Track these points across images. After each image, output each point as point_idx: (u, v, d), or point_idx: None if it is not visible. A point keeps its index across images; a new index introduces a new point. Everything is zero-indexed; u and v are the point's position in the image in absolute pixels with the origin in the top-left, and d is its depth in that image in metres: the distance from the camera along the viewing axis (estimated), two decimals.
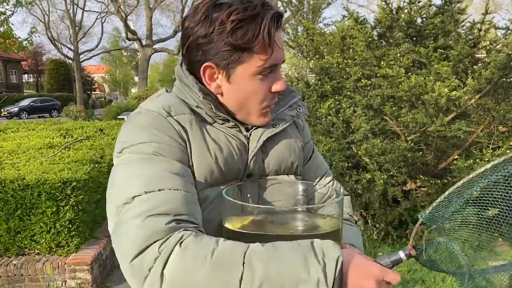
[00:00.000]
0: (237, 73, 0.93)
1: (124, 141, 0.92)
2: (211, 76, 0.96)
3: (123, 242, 0.77)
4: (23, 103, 30.32)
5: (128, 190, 0.82)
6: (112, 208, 0.84)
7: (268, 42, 0.89)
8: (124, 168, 0.88)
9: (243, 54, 0.90)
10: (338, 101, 4.31)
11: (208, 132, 0.97)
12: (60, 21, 38.10)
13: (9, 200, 3.51)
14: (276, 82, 0.96)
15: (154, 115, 0.93)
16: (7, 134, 6.32)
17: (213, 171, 0.94)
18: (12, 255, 3.66)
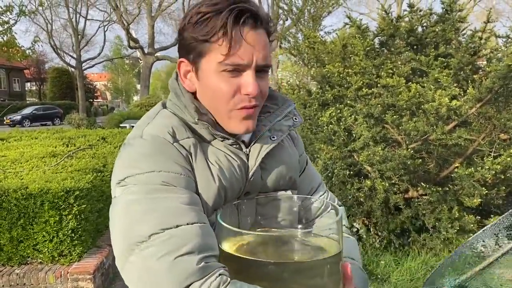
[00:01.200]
0: (202, 68, 0.91)
1: (127, 169, 0.86)
2: (186, 73, 0.96)
3: (153, 283, 0.75)
4: (26, 111, 30.42)
5: (141, 227, 0.78)
6: (122, 245, 0.80)
7: (228, 37, 0.85)
8: (131, 201, 0.82)
9: (204, 47, 0.88)
10: (339, 109, 4.32)
11: (210, 155, 0.94)
12: (62, 29, 38.29)
13: (12, 209, 3.53)
14: (246, 84, 0.89)
15: (160, 140, 0.89)
16: (10, 143, 6.35)
17: (218, 196, 0.92)
18: (15, 264, 3.66)
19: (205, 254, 0.77)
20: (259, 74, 0.92)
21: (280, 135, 1.02)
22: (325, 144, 4.30)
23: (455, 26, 4.79)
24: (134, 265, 0.77)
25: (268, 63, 0.92)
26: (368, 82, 3.98)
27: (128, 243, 0.78)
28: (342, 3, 20.82)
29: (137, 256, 0.77)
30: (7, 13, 14.56)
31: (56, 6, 33.39)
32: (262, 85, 0.93)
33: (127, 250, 0.78)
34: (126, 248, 0.79)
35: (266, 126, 1.01)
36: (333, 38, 5.72)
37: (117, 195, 0.86)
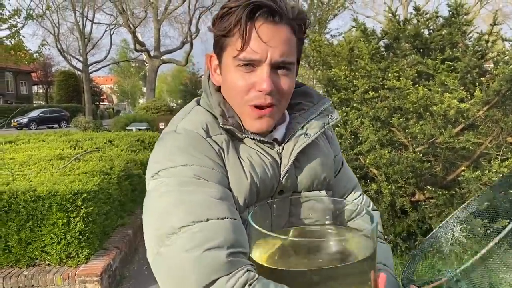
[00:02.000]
0: (224, 63, 0.93)
1: (161, 163, 0.88)
2: (215, 68, 0.98)
3: (180, 275, 0.74)
4: (33, 114, 30.63)
5: (171, 218, 0.79)
6: (152, 236, 0.81)
7: (241, 32, 0.86)
8: (163, 193, 0.83)
9: (224, 42, 0.90)
10: (346, 112, 4.32)
11: (241, 151, 0.94)
12: (69, 33, 38.52)
13: (20, 211, 3.56)
14: (260, 80, 0.89)
15: (193, 135, 0.90)
16: (18, 146, 6.40)
17: (250, 192, 0.92)
18: (23, 266, 3.69)
19: (234, 250, 0.77)
20: (278, 70, 0.90)
21: (314, 133, 1.00)
22: None
23: (462, 30, 4.77)
24: (163, 256, 0.77)
25: (287, 59, 0.90)
26: (374, 85, 3.98)
27: (159, 234, 0.79)
28: (348, 6, 20.84)
29: (166, 248, 0.77)
30: (15, 17, 14.71)
31: (63, 10, 33.60)
32: (281, 83, 0.91)
33: (157, 242, 0.79)
34: (156, 239, 0.79)
35: (300, 123, 1.01)
36: (339, 41, 5.69)
37: (150, 188, 0.87)
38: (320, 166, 1.04)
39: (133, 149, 6.44)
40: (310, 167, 1.02)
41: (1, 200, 3.53)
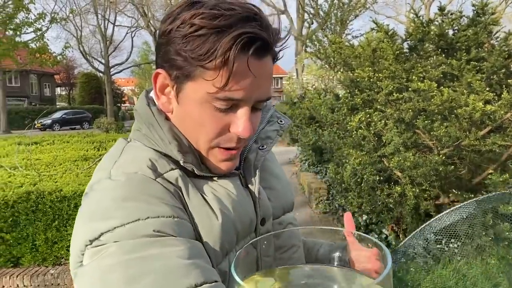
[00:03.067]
0: (187, 92, 0.71)
1: (100, 224, 0.63)
2: (163, 87, 0.75)
3: None
4: (56, 115, 31.23)
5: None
6: None
7: (228, 69, 0.65)
8: (113, 266, 0.59)
9: (194, 70, 0.68)
10: (369, 114, 4.29)
11: (202, 187, 0.76)
12: (91, 35, 39.25)
13: (47, 211, 3.63)
14: (239, 124, 0.71)
15: (138, 178, 0.68)
16: (44, 146, 6.54)
17: (226, 234, 0.73)
18: (49, 265, 3.77)
19: None
20: (255, 109, 0.75)
21: (270, 143, 0.87)
22: (354, 149, 4.27)
23: (488, 29, 4.69)
24: None
25: (269, 96, 0.75)
26: (398, 87, 3.94)
27: None
28: (369, 7, 20.67)
29: None
30: (40, 21, 15.05)
31: (85, 13, 34.23)
32: (255, 122, 0.76)
33: None
34: None
35: (251, 138, 0.85)
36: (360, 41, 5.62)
37: (86, 261, 0.62)
38: (282, 181, 0.93)
39: None
40: (276, 185, 0.90)
41: (29, 200, 3.61)
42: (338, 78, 8.51)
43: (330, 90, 8.02)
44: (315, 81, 20.84)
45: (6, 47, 13.11)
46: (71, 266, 0.67)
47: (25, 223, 3.64)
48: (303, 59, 22.31)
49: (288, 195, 0.93)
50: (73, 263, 0.65)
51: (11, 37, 14.52)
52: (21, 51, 16.68)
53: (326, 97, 7.97)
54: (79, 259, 0.63)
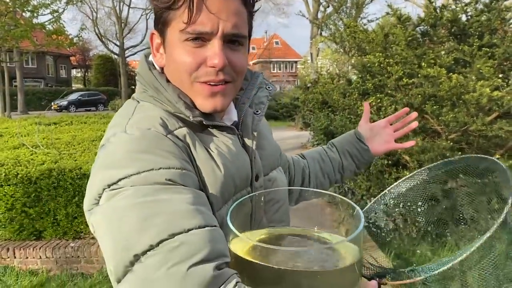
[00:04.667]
0: (168, 39, 0.84)
1: (117, 171, 0.72)
2: (158, 46, 0.89)
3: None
4: (72, 97, 31.62)
5: (145, 234, 0.66)
6: (122, 257, 0.67)
7: (187, 3, 0.78)
8: (129, 206, 0.69)
9: (168, 15, 0.81)
10: (380, 99, 4.36)
11: (207, 143, 0.85)
12: (107, 17, 39.43)
13: (67, 188, 3.81)
14: (212, 55, 0.81)
15: (152, 133, 0.77)
16: (62, 127, 6.74)
17: (227, 185, 0.83)
18: (70, 238, 3.96)
19: (220, 261, 0.68)
20: (230, 45, 0.83)
21: (262, 107, 0.98)
22: None
23: (501, 16, 4.68)
24: (138, 278, 0.66)
25: (239, 32, 0.82)
26: (409, 72, 4.00)
27: (130, 254, 0.66)
28: None
29: (140, 269, 0.66)
30: (56, 2, 15.17)
31: None
32: (234, 58, 0.84)
33: (125, 263, 0.67)
34: (124, 261, 0.67)
35: (245, 103, 0.96)
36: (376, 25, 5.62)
37: (104, 202, 0.72)
38: (271, 142, 1.06)
39: None
40: (267, 146, 1.02)
41: (51, 176, 3.79)
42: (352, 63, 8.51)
43: (343, 75, 8.04)
44: (330, 65, 20.75)
45: (24, 29, 13.29)
46: (85, 207, 0.77)
47: (47, 199, 3.83)
48: (318, 43, 22.18)
49: (276, 155, 1.06)
50: (88, 204, 0.75)
51: (29, 19, 14.70)
52: (37, 33, 16.88)
53: (339, 82, 8.01)
54: (95, 201, 0.73)
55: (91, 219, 0.75)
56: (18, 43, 14.88)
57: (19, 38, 13.74)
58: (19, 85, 27.35)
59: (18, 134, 5.69)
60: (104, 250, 0.71)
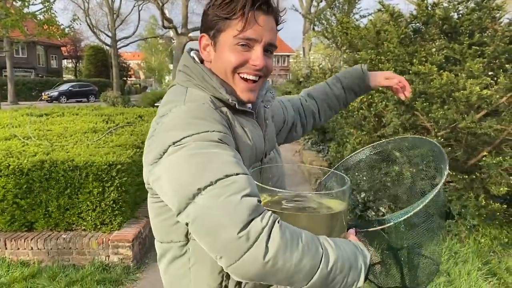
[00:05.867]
0: (220, 41, 1.08)
1: (181, 132, 0.95)
2: (205, 46, 1.13)
3: (221, 219, 0.85)
4: (63, 87, 31.35)
5: (206, 174, 0.88)
6: (186, 191, 0.89)
7: (244, 17, 1.03)
8: (192, 155, 0.92)
9: (225, 24, 1.06)
10: (370, 95, 4.40)
11: (239, 120, 1.11)
12: (98, 8, 39.07)
13: (60, 180, 3.82)
14: (255, 57, 1.07)
15: (206, 107, 1.03)
16: (54, 118, 6.71)
17: (252, 154, 1.11)
18: (62, 230, 3.98)
19: (258, 198, 0.90)
20: (265, 52, 1.09)
21: (269, 104, 1.28)
22: (355, 129, 4.40)
23: (492, 14, 4.74)
24: (201, 205, 0.87)
25: (274, 43, 1.10)
26: (400, 69, 4.04)
27: (192, 189, 0.88)
28: None
29: (201, 200, 0.87)
30: None
31: None
32: (268, 62, 1.10)
33: (189, 196, 0.88)
34: (188, 194, 0.89)
35: (259, 99, 1.22)
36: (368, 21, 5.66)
37: (171, 154, 0.94)
38: (272, 129, 1.33)
39: None
40: (271, 132, 1.29)
41: (43, 168, 3.79)
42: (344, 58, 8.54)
43: (335, 70, 8.07)
44: (322, 60, 20.75)
45: (15, 18, 13.12)
46: (148, 161, 1.00)
47: (39, 190, 3.84)
48: (310, 38, 22.17)
49: (274, 139, 1.33)
50: (152, 159, 0.98)
51: (20, 8, 14.51)
52: (28, 22, 16.66)
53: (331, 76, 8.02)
54: (160, 156, 0.96)
55: (155, 169, 0.97)
56: (8, 32, 14.69)
57: (10, 27, 13.56)
58: (9, 75, 27.04)
59: (9, 125, 5.66)
60: (167, 190, 0.94)
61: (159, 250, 1.18)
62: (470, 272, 3.84)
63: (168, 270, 1.15)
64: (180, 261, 1.11)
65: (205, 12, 1.10)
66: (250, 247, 0.83)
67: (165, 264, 1.15)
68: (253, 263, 0.84)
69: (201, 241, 0.89)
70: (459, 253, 4.25)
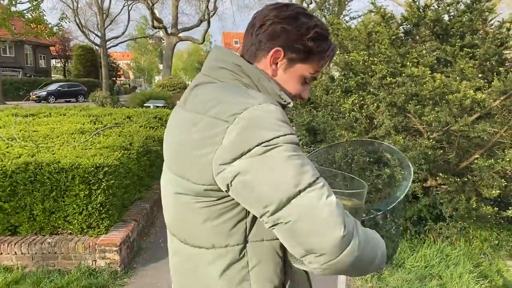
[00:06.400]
0: (296, 68, 1.12)
1: (270, 133, 0.95)
2: (276, 59, 1.11)
3: (327, 219, 0.91)
4: (51, 87, 30.98)
5: (304, 176, 0.93)
6: (285, 193, 0.92)
7: (326, 63, 1.14)
8: (288, 157, 0.94)
9: (310, 57, 1.11)
10: (362, 97, 4.36)
11: None
12: (88, 7, 38.70)
13: (45, 182, 3.72)
14: (306, 92, 1.18)
15: (280, 110, 1.02)
16: (40, 118, 6.58)
17: None
18: (47, 234, 3.87)
19: None
20: None
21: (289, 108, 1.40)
22: (346, 130, 4.36)
23: (483, 16, 4.73)
24: (301, 205, 0.92)
25: None
26: (392, 71, 4.01)
27: (293, 190, 0.92)
28: None
29: (303, 199, 0.92)
30: None
31: None
32: None
33: (289, 196, 0.92)
34: (288, 194, 0.92)
35: None
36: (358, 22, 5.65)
37: (260, 154, 0.94)
38: None
39: (151, 126, 6.58)
40: None
41: (27, 170, 3.69)
42: (334, 60, 8.49)
43: (325, 71, 8.04)
44: None
45: (2, 17, 12.93)
46: (226, 158, 0.95)
47: (23, 193, 3.73)
48: None
49: None
50: (229, 157, 0.95)
51: (7, 7, 14.31)
52: (16, 21, 16.47)
53: (321, 78, 8.01)
54: (240, 155, 0.94)
55: (236, 167, 0.95)
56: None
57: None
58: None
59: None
60: (261, 189, 0.93)
61: (205, 257, 1.10)
62: (461, 275, 3.83)
63: (223, 277, 1.08)
64: (238, 266, 1.07)
65: (288, 30, 1.09)
66: (349, 243, 0.92)
67: (218, 272, 1.08)
68: (349, 257, 0.93)
69: (299, 239, 0.93)
70: (450, 255, 4.24)
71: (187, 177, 1.02)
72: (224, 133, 0.96)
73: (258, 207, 0.95)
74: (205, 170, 0.98)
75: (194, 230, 1.08)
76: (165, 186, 1.17)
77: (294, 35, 1.08)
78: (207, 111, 1.01)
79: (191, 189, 1.03)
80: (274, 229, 0.96)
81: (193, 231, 1.09)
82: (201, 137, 0.98)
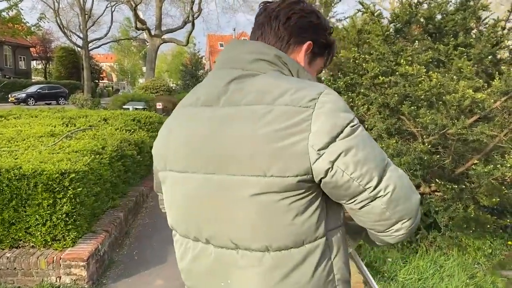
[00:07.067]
0: (317, 62, 1.19)
1: (348, 114, 0.97)
2: (307, 50, 1.14)
3: (411, 186, 1.02)
4: (31, 89, 30.30)
5: (383, 153, 1.00)
6: (380, 167, 0.98)
7: (331, 56, 1.23)
8: (369, 137, 1.00)
9: (324, 53, 1.19)
10: (352, 98, 4.11)
11: None
12: (69, 8, 37.98)
13: (4, 190, 3.36)
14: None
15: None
16: (9, 120, 6.19)
17: None
18: (6, 248, 3.50)
19: None
20: None
21: None
22: None
23: (476, 15, 4.54)
24: (398, 176, 1.00)
25: None
26: (385, 70, 3.75)
27: (384, 163, 0.99)
28: None
29: (391, 171, 0.99)
30: None
31: None
32: None
33: (384, 168, 0.98)
34: (383, 166, 0.98)
35: None
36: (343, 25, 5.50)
37: (355, 132, 0.96)
38: None
39: (127, 129, 6.22)
40: None
41: None
42: None
43: None
44: None
45: None
46: (324, 141, 0.93)
47: None
48: None
49: None
50: (328, 139, 0.93)
51: None
52: None
53: None
54: (336, 134, 0.94)
55: (335, 149, 0.94)
56: None
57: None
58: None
59: None
60: (363, 166, 0.95)
61: (295, 258, 1.00)
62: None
63: (315, 275, 1.02)
64: (324, 259, 1.02)
65: (312, 23, 1.14)
66: (418, 212, 1.03)
67: (310, 270, 1.01)
68: (419, 216, 1.04)
69: (395, 209, 0.98)
70: (444, 266, 4.03)
71: (272, 173, 0.94)
72: (310, 119, 0.94)
73: (358, 186, 0.95)
74: (299, 159, 0.93)
75: (282, 231, 0.99)
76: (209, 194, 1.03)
77: (320, 29, 1.15)
78: (274, 100, 0.97)
79: (277, 185, 0.94)
80: (368, 206, 0.98)
81: (280, 232, 0.99)
82: (281, 128, 0.93)
